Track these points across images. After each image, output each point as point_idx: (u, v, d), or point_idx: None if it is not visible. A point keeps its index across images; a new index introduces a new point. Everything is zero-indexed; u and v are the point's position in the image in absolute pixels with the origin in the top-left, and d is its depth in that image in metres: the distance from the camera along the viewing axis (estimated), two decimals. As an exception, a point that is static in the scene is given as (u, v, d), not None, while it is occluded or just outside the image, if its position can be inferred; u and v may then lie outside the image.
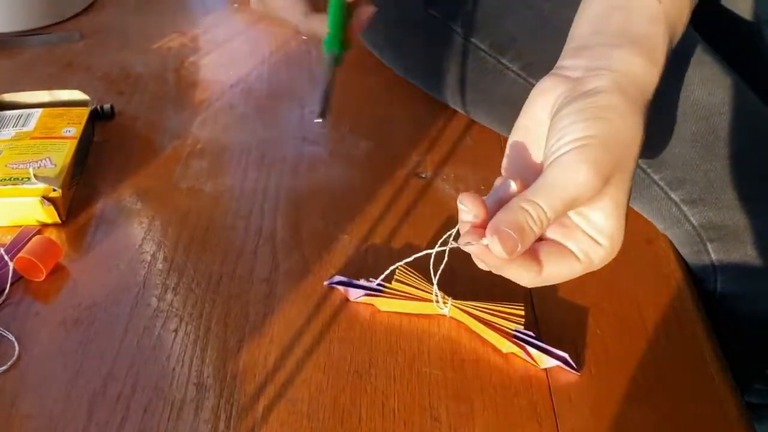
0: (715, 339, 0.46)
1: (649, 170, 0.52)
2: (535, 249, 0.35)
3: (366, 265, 0.49)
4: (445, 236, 0.38)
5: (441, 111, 0.64)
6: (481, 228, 0.34)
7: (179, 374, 0.43)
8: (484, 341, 0.44)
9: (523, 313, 0.44)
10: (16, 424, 0.40)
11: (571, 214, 0.35)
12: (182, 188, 0.56)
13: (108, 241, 0.51)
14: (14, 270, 0.48)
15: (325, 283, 0.48)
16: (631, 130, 0.34)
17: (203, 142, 0.61)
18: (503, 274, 0.35)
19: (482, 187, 0.56)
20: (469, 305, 0.45)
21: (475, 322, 0.44)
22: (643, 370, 0.43)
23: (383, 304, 0.46)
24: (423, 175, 0.57)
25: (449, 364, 0.43)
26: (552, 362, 0.43)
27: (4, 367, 0.43)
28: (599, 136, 0.33)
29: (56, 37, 0.74)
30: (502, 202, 0.34)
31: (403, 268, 0.46)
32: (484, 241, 0.33)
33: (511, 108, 0.41)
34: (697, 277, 0.52)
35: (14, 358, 0.43)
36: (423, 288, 0.46)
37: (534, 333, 0.44)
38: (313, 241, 0.51)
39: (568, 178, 0.33)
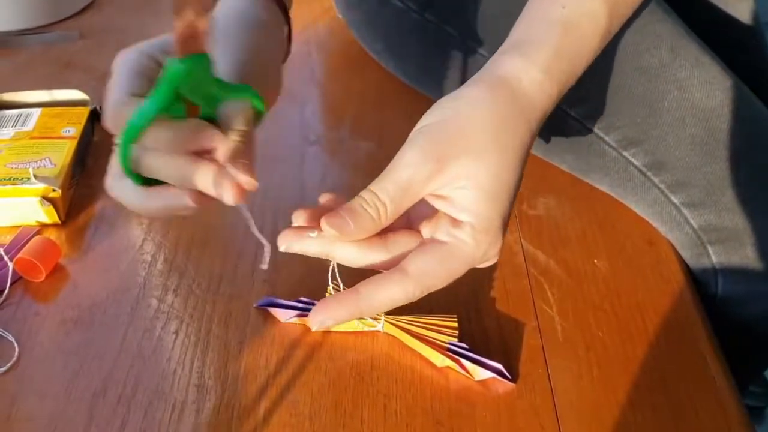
0: (716, 341, 0.46)
1: (649, 173, 0.52)
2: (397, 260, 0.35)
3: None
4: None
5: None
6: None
7: (180, 376, 0.42)
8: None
9: (456, 325, 0.44)
10: (16, 426, 0.40)
11: (435, 203, 0.36)
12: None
13: (108, 242, 0.51)
14: (14, 270, 0.47)
15: (255, 305, 0.46)
16: (474, 112, 0.35)
17: (203, 142, 0.61)
18: (379, 308, 0.35)
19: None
20: (402, 320, 0.44)
21: (409, 336, 0.43)
22: (644, 373, 0.43)
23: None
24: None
25: (451, 367, 0.43)
26: (486, 374, 0.42)
27: (4, 368, 0.42)
28: (434, 123, 0.35)
29: (55, 37, 0.73)
30: None
31: (336, 285, 0.45)
32: (313, 233, 0.35)
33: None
34: (698, 280, 0.52)
35: (14, 359, 0.43)
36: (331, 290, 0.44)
37: (467, 345, 0.43)
38: (314, 242, 0.51)
39: (397, 160, 0.35)
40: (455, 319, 0.44)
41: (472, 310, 0.47)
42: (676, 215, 0.52)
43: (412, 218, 0.38)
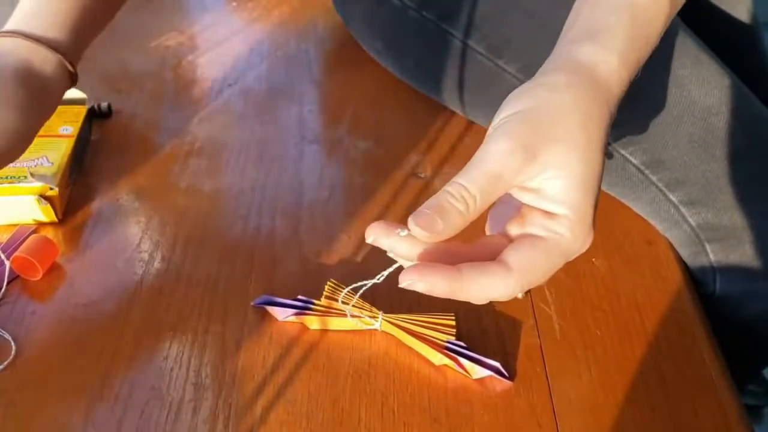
0: (714, 340, 0.46)
1: (647, 171, 0.52)
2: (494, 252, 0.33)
3: (365, 265, 0.49)
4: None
5: (440, 111, 0.64)
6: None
7: (177, 374, 0.42)
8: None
9: (453, 323, 0.44)
10: (12, 425, 0.40)
11: (524, 197, 0.34)
12: (180, 187, 0.56)
13: (105, 240, 0.51)
14: (11, 269, 0.47)
15: (252, 303, 0.46)
16: (561, 99, 0.34)
17: (201, 140, 0.61)
18: (473, 297, 0.32)
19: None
20: (400, 318, 0.44)
21: (406, 335, 0.43)
22: (642, 372, 0.43)
23: (312, 322, 0.45)
24: (422, 175, 0.57)
25: (448, 365, 0.43)
26: (484, 372, 0.42)
27: (1, 367, 0.42)
28: (521, 111, 0.33)
29: (53, 35, 0.73)
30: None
31: (333, 283, 0.45)
32: (403, 232, 0.32)
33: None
34: (696, 279, 0.52)
35: (11, 358, 0.43)
36: (352, 303, 0.44)
37: (465, 343, 0.43)
38: (312, 240, 0.51)
39: (485, 150, 0.33)
40: (453, 318, 0.44)
41: (470, 309, 0.46)
42: (674, 213, 0.51)
43: (492, 223, 0.36)
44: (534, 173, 0.32)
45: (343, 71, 0.70)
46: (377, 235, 0.33)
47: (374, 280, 0.36)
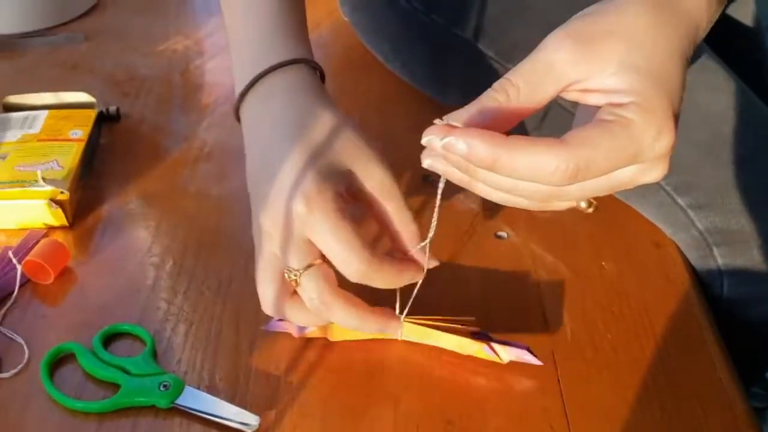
0: (722, 343, 0.46)
1: (654, 175, 0.52)
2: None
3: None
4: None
5: (447, 114, 0.64)
6: None
7: (190, 378, 0.42)
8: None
9: (473, 319, 0.43)
10: (27, 428, 0.40)
11: (591, 98, 0.32)
12: (190, 191, 0.56)
13: (116, 244, 0.51)
14: (22, 273, 0.47)
15: (263, 327, 0.45)
16: (627, 3, 0.32)
17: (210, 145, 0.61)
18: (519, 169, 0.30)
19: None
20: (421, 319, 0.43)
21: (430, 330, 0.43)
22: (652, 374, 0.44)
23: (334, 333, 0.44)
24: (429, 179, 0.57)
25: (461, 367, 0.43)
26: (515, 352, 0.42)
27: (15, 370, 0.42)
28: (577, 16, 0.33)
29: (61, 39, 0.73)
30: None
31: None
32: (439, 122, 0.32)
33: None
34: (703, 282, 0.53)
35: (24, 362, 0.43)
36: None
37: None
38: (322, 244, 0.51)
39: (536, 48, 0.32)
40: (472, 318, 0.44)
41: (480, 313, 0.47)
42: (682, 217, 0.52)
43: None
44: (592, 69, 0.31)
45: (350, 75, 0.70)
46: (429, 136, 0.33)
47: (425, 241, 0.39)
